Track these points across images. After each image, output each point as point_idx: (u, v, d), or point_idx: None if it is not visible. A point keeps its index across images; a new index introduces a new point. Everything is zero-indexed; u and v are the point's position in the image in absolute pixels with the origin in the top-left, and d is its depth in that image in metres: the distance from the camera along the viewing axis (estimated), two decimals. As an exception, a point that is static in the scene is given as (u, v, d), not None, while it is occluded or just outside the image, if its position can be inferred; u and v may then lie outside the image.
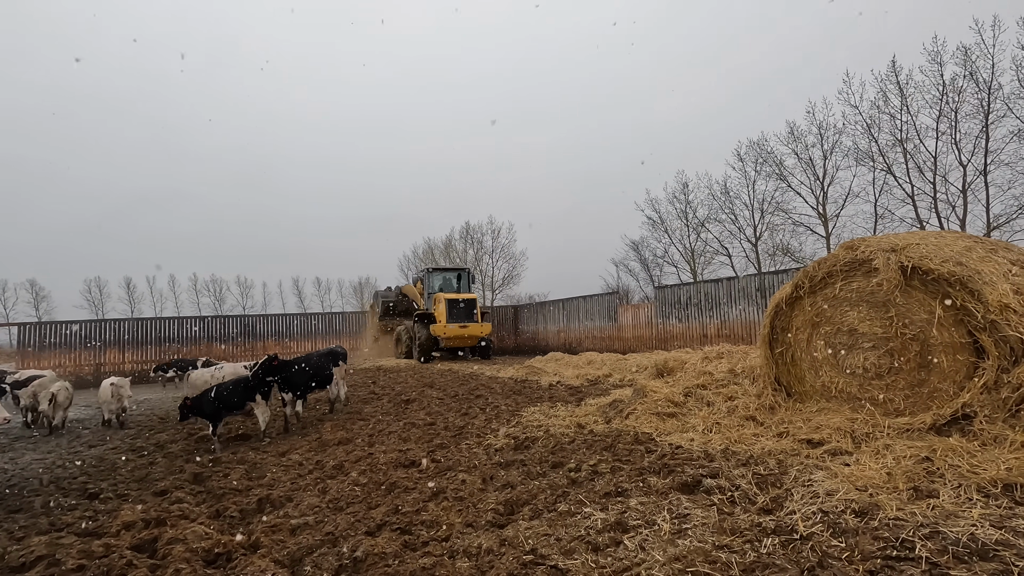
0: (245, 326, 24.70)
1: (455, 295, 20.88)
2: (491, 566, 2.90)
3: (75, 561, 3.46)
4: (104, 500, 5.01)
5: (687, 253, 34.89)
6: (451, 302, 20.18)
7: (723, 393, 6.25)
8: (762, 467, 3.99)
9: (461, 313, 20.13)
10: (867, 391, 4.88)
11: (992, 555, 2.42)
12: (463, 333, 19.91)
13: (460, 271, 23.76)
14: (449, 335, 19.64)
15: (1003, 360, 4.02)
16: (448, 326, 19.59)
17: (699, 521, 3.09)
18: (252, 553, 3.50)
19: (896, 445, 3.97)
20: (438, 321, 20.09)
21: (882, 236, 5.21)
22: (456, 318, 19.94)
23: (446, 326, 19.58)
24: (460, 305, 20.28)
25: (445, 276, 23.51)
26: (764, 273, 15.29)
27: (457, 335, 19.82)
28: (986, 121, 20.77)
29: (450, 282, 23.08)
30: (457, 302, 20.32)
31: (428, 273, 23.24)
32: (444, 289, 22.41)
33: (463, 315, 20.14)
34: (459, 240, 43.59)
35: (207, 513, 4.41)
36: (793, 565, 2.48)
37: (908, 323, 4.64)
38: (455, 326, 19.69)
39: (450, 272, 23.92)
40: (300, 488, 5.02)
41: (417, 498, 4.24)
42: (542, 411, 7.53)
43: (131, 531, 4.02)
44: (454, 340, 19.98)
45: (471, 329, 20.08)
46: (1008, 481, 3.18)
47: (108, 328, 22.18)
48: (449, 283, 23.03)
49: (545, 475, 4.50)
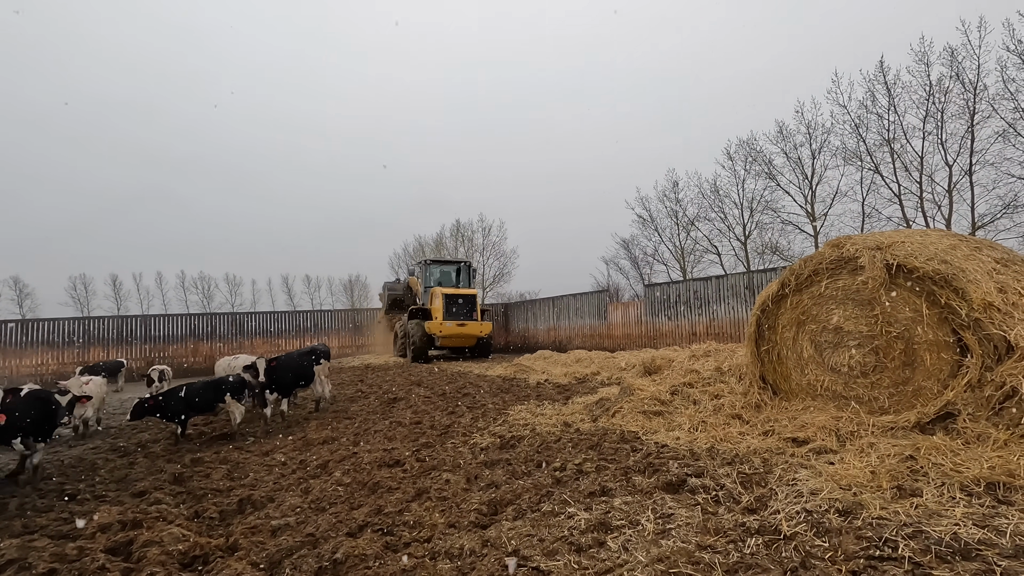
0: (234, 323, 24.44)
1: (454, 290, 19.27)
2: (472, 567, 2.85)
3: (47, 565, 3.36)
4: (81, 501, 4.91)
5: (677, 251, 35.03)
6: (449, 297, 18.61)
7: (709, 391, 6.24)
8: (747, 466, 3.98)
9: (460, 310, 18.62)
10: (852, 389, 4.88)
11: (975, 555, 2.41)
12: (461, 332, 18.38)
13: (460, 264, 21.91)
14: (446, 333, 18.14)
15: (987, 358, 4.03)
16: (445, 323, 18.10)
17: (683, 521, 3.07)
18: (230, 555, 3.43)
19: (880, 443, 3.96)
20: (434, 317, 18.53)
21: (868, 234, 5.22)
22: (454, 315, 18.43)
23: (443, 323, 18.09)
24: (459, 301, 18.72)
25: (443, 269, 21.60)
26: (753, 271, 15.35)
27: (455, 333, 18.31)
28: (971, 121, 20.99)
29: (448, 276, 21.37)
30: (455, 298, 18.74)
31: (425, 265, 21.29)
32: (443, 283, 20.74)
33: (462, 312, 18.63)
34: (450, 238, 43.38)
35: (186, 514, 4.33)
36: (776, 565, 2.46)
37: (893, 321, 4.64)
38: (452, 324, 18.17)
39: (449, 265, 21.97)
40: (283, 488, 4.95)
41: (400, 498, 4.18)
42: (529, 409, 7.49)
43: (106, 533, 3.92)
44: (451, 339, 18.57)
45: (470, 327, 18.53)
46: (991, 479, 3.17)
47: (93, 326, 21.86)
48: (448, 277, 21.33)
49: (530, 474, 4.46)
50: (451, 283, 21.02)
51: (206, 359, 22.59)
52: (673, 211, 34.61)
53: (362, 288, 57.44)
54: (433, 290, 19.48)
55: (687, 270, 34.07)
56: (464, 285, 20.98)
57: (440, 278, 21.10)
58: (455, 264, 22.08)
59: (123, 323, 22.46)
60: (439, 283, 20.68)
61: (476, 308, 19.16)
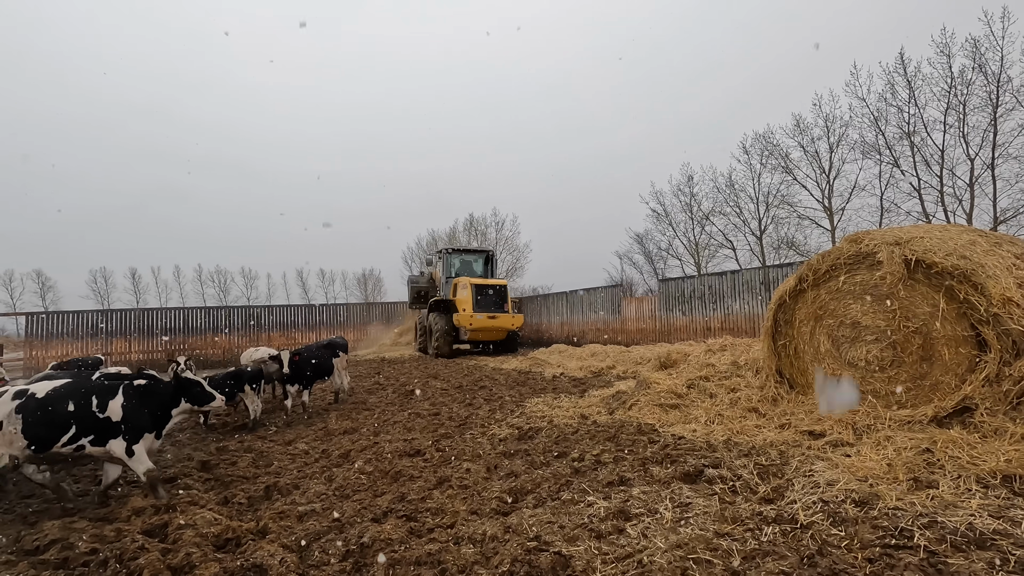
0: (250, 317, 24.82)
1: (483, 280, 18.03)
2: (495, 552, 2.95)
3: (87, 545, 3.53)
4: (113, 486, 5.09)
5: (691, 246, 34.83)
6: (479, 288, 17.24)
7: (726, 385, 6.29)
8: (764, 458, 4.03)
9: (490, 301, 17.20)
10: (869, 383, 4.90)
11: (990, 544, 2.46)
12: (492, 324, 16.98)
13: (484, 254, 20.35)
14: (476, 326, 16.73)
15: (1005, 353, 4.04)
16: (475, 316, 16.65)
17: (700, 510, 3.14)
18: (261, 538, 3.56)
19: (897, 437, 4.00)
20: (461, 309, 17.14)
21: (886, 229, 5.21)
22: (484, 307, 17.01)
23: (472, 315, 16.64)
24: (488, 292, 17.34)
25: (464, 259, 19.98)
26: (768, 267, 15.27)
27: (485, 327, 16.90)
28: (994, 114, 20.59)
29: (469, 265, 19.86)
30: (485, 288, 17.41)
31: (446, 255, 19.74)
32: (465, 273, 19.35)
33: (492, 304, 17.22)
34: (463, 232, 43.52)
35: (216, 500, 4.48)
36: (793, 553, 2.53)
37: (911, 316, 4.65)
38: (483, 316, 16.74)
39: (472, 254, 20.36)
40: (307, 476, 5.09)
41: (422, 486, 4.30)
42: (546, 402, 7.58)
43: (141, 517, 4.09)
44: (481, 332, 17.18)
45: (501, 320, 17.14)
46: (1007, 472, 3.21)
47: (115, 318, 22.35)
48: (469, 266, 19.81)
49: (549, 464, 4.55)
50: (474, 273, 19.68)
51: (224, 352, 23.01)
52: (688, 205, 34.42)
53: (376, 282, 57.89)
54: (458, 280, 18.25)
55: (701, 265, 33.87)
56: (490, 276, 19.76)
57: (461, 268, 19.73)
58: (481, 253, 20.53)
59: (143, 316, 22.95)
60: (460, 273, 19.41)
61: (507, 299, 17.95)
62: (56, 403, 4.29)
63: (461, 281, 17.86)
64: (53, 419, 4.24)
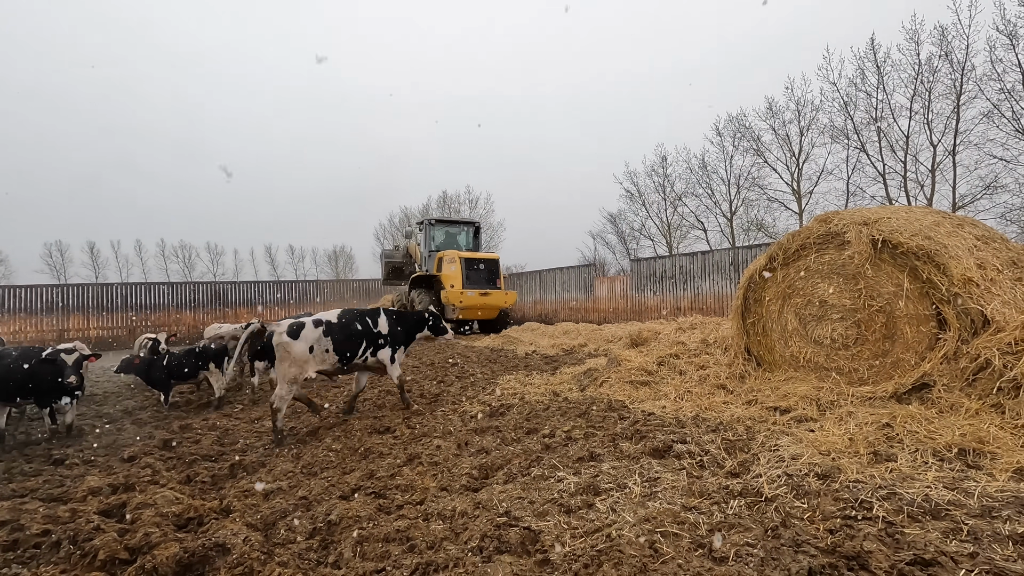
0: (216, 293, 24.18)
1: (473, 254, 16.65)
2: (465, 528, 2.93)
3: (40, 526, 3.40)
4: (70, 466, 4.91)
5: (664, 227, 35.15)
6: (469, 262, 15.87)
7: (695, 362, 6.37)
8: (731, 433, 4.10)
9: (480, 277, 15.91)
10: (833, 361, 5.02)
11: (944, 514, 2.54)
12: (483, 302, 15.75)
13: (471, 226, 18.84)
14: (467, 304, 15.48)
15: (963, 331, 4.17)
16: (465, 292, 15.35)
17: (669, 484, 3.17)
18: (224, 517, 3.48)
19: (859, 412, 4.11)
20: (448, 286, 15.70)
21: (855, 210, 5.29)
22: (475, 283, 15.71)
23: (463, 292, 15.32)
24: (479, 267, 16.04)
25: (449, 231, 18.44)
26: (738, 248, 15.50)
27: (476, 304, 15.66)
28: (958, 102, 21.09)
29: (454, 238, 18.42)
30: (475, 263, 16.08)
31: (429, 226, 18.07)
32: (449, 247, 18.01)
33: (483, 279, 15.94)
34: (436, 210, 43.02)
35: (178, 479, 4.36)
36: (758, 525, 2.57)
37: (876, 295, 4.76)
38: (474, 293, 15.51)
39: (457, 226, 18.75)
40: (273, 454, 5.00)
41: (392, 463, 4.25)
42: (517, 379, 7.59)
43: (98, 497, 3.95)
44: (471, 311, 15.88)
45: (494, 297, 15.95)
46: (962, 446, 3.32)
47: (72, 293, 21.49)
48: (453, 239, 18.38)
49: (519, 441, 4.55)
50: (459, 247, 18.23)
51: (189, 328, 22.41)
52: (661, 186, 34.63)
53: (347, 259, 57.04)
54: (443, 254, 16.73)
55: (673, 245, 34.27)
56: (478, 250, 18.39)
57: (446, 240, 18.28)
58: (467, 225, 18.96)
59: (103, 291, 22.11)
60: (442, 247, 17.96)
61: (499, 275, 16.63)
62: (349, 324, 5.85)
63: (448, 255, 16.44)
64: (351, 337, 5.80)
